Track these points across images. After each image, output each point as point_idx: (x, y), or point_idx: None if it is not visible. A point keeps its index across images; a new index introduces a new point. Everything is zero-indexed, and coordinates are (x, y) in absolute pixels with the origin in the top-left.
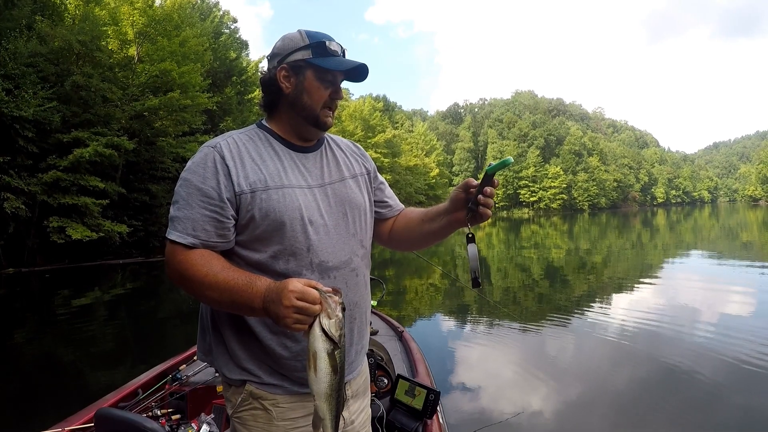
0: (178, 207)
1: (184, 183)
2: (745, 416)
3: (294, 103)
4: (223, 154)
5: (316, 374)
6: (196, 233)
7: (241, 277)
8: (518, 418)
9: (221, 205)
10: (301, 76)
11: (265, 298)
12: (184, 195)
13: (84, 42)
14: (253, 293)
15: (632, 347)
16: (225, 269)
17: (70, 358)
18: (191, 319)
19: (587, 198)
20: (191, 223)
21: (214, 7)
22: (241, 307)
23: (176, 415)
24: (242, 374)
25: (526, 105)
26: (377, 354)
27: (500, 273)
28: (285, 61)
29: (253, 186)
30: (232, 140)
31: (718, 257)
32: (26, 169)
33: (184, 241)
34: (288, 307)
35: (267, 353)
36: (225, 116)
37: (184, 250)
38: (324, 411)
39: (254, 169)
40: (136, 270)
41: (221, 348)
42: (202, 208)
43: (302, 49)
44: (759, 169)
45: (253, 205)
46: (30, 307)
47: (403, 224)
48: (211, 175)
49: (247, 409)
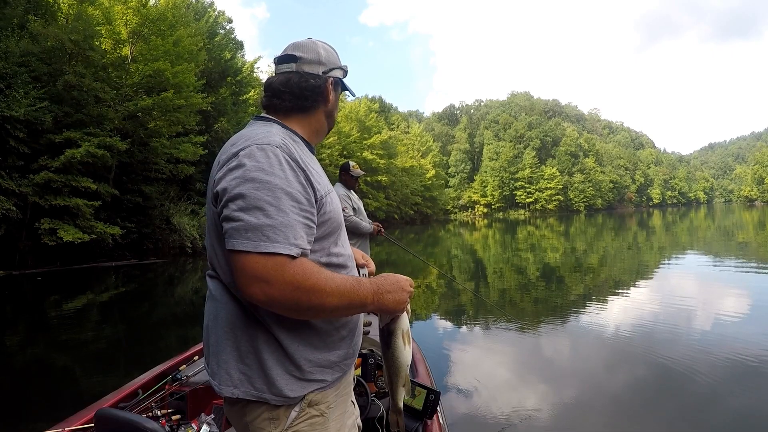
0: (266, 213)
1: (264, 186)
2: (742, 416)
3: (330, 114)
4: (293, 156)
5: (406, 346)
6: (297, 242)
7: (348, 279)
8: (518, 418)
9: (311, 210)
10: (337, 92)
11: (377, 292)
12: (271, 200)
13: (77, 41)
14: (365, 290)
15: (629, 348)
16: (335, 273)
17: (62, 362)
18: (185, 322)
19: (583, 199)
20: (291, 230)
21: (209, 7)
22: (355, 308)
23: (176, 415)
24: (307, 386)
25: (522, 106)
26: (377, 354)
27: (497, 274)
28: (329, 74)
29: (325, 189)
30: (289, 141)
31: (713, 258)
32: (17, 170)
33: (290, 251)
34: (410, 292)
35: (328, 348)
36: (219, 117)
37: (293, 261)
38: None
39: (317, 172)
40: (130, 272)
41: (279, 370)
42: (296, 214)
43: (339, 68)
44: (754, 170)
45: (326, 208)
46: (22, 310)
47: None
48: (293, 178)
49: (305, 420)
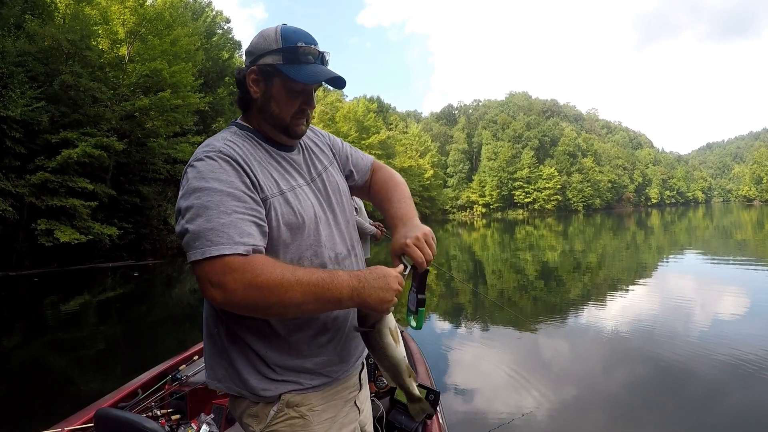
0: (206, 218)
1: (204, 192)
2: (740, 416)
3: (262, 109)
4: (235, 158)
5: (397, 345)
6: (244, 239)
7: (320, 271)
8: (518, 418)
9: (257, 208)
10: (270, 83)
11: (358, 287)
12: (213, 204)
13: (73, 41)
14: (340, 284)
15: (628, 347)
16: (296, 267)
17: (61, 362)
18: (183, 322)
19: (582, 199)
20: (235, 229)
21: (206, 7)
22: (328, 302)
23: (176, 415)
24: (280, 386)
25: (520, 106)
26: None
27: (495, 274)
28: (257, 62)
29: (270, 191)
30: (232, 143)
31: (712, 257)
32: (14, 170)
33: (236, 250)
34: (394, 290)
35: (304, 355)
36: (217, 117)
37: (242, 260)
38: (407, 369)
39: (264, 173)
40: (127, 273)
41: (249, 368)
42: (240, 213)
43: (274, 52)
44: (753, 170)
45: (276, 211)
46: (18, 311)
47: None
48: (235, 179)
49: (282, 421)
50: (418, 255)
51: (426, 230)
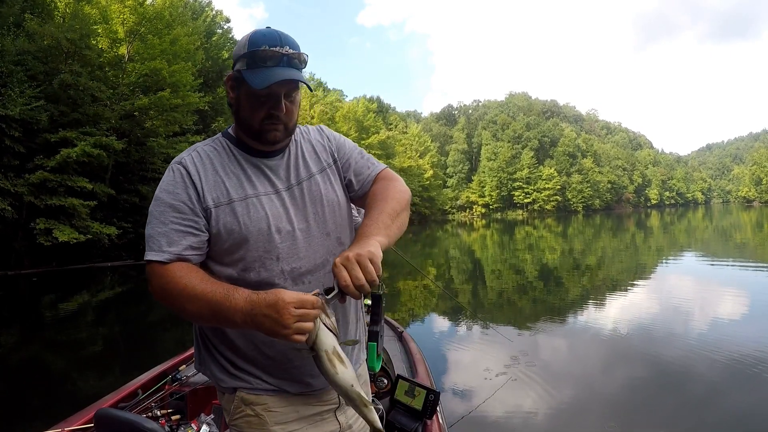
0: (151, 226)
1: (156, 202)
2: (740, 416)
3: (236, 115)
4: (188, 169)
5: (345, 366)
6: (169, 248)
7: (219, 289)
8: (518, 417)
9: (194, 219)
10: (240, 89)
11: (250, 312)
12: (157, 213)
13: (73, 40)
14: (232, 306)
15: (627, 347)
16: (204, 281)
17: (60, 362)
18: (181, 322)
19: (581, 199)
20: (165, 238)
21: (206, 7)
22: (222, 321)
23: (176, 415)
24: (234, 381)
25: (519, 106)
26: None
27: (494, 274)
28: (233, 68)
29: (216, 201)
30: (196, 154)
31: (711, 258)
32: (12, 169)
33: (160, 258)
34: (290, 319)
35: (250, 361)
36: (217, 116)
37: (162, 267)
38: (362, 394)
39: (217, 183)
40: (126, 273)
41: (212, 358)
42: (176, 224)
43: (241, 58)
44: (752, 171)
45: (218, 220)
46: (17, 310)
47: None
48: (181, 190)
49: (241, 416)
50: (342, 276)
51: (368, 250)
